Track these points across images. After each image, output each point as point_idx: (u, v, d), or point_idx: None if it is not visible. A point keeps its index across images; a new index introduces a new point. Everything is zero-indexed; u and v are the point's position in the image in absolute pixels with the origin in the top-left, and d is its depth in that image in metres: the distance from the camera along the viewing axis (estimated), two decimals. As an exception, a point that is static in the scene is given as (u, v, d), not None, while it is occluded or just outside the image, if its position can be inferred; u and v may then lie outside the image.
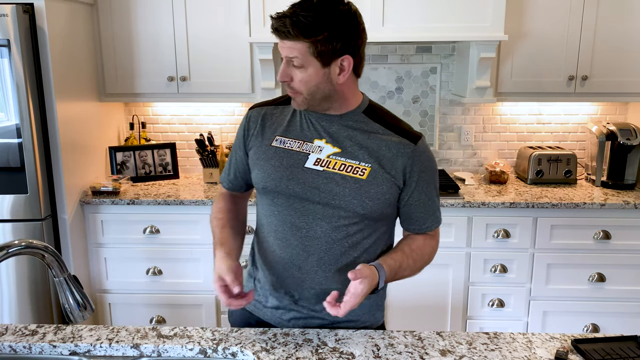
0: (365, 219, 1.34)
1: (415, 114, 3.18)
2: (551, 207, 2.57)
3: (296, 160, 1.35)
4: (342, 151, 1.33)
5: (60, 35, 2.52)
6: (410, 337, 1.31)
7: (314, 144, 1.35)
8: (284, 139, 1.38)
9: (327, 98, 1.32)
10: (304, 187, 1.33)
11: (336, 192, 1.31)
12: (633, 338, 1.26)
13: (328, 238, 1.34)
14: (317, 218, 1.34)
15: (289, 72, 1.29)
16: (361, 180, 1.31)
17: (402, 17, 2.60)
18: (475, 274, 2.66)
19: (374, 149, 1.33)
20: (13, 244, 1.11)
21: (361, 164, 1.32)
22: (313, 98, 1.31)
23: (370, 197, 1.31)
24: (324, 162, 1.33)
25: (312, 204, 1.33)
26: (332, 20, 1.23)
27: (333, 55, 1.26)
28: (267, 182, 1.37)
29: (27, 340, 1.30)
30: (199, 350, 1.27)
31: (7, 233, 2.51)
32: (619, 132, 2.83)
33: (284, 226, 1.37)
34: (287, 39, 1.24)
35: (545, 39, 2.76)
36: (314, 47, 1.24)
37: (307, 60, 1.25)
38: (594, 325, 2.69)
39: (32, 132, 2.42)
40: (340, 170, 1.32)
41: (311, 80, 1.28)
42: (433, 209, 1.42)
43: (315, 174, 1.33)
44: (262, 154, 1.39)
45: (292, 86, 1.30)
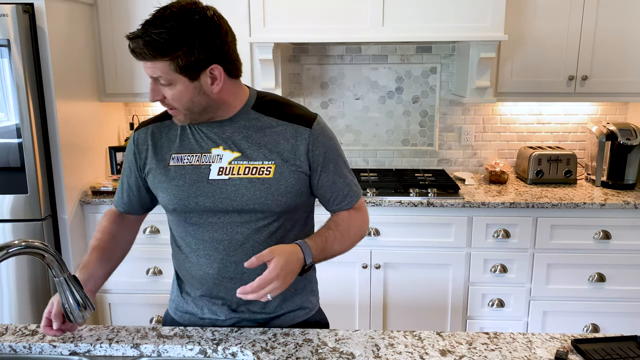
0: (283, 214, 1.32)
1: (415, 114, 3.19)
2: (551, 207, 2.57)
3: (199, 174, 1.30)
4: (242, 154, 1.30)
5: (60, 35, 2.52)
6: (410, 337, 1.31)
7: (212, 154, 1.31)
8: (180, 155, 1.33)
9: (207, 109, 1.27)
10: (214, 200, 1.30)
11: (248, 197, 1.28)
12: (633, 338, 1.26)
13: (252, 242, 1.32)
14: (235, 226, 1.31)
15: (159, 90, 1.23)
16: (269, 180, 1.29)
17: (402, 17, 2.60)
18: (475, 274, 2.66)
19: (272, 144, 1.30)
20: (13, 244, 1.11)
21: (264, 162, 1.29)
22: (192, 112, 1.26)
23: (281, 193, 1.29)
24: (227, 169, 1.29)
25: (226, 214, 1.30)
26: (188, 33, 1.16)
27: (199, 67, 1.19)
28: (175, 203, 1.32)
29: (27, 340, 1.30)
30: (199, 350, 1.27)
31: (7, 233, 2.51)
32: (619, 132, 2.83)
33: (204, 243, 1.33)
34: (146, 60, 1.17)
35: (545, 39, 2.76)
36: (175, 63, 1.17)
37: (173, 78, 1.19)
38: (594, 325, 2.69)
39: (32, 132, 2.43)
40: (245, 174, 1.29)
41: (183, 96, 1.22)
42: (346, 184, 1.39)
43: (222, 184, 1.29)
44: (161, 177, 1.34)
45: (167, 103, 1.25)
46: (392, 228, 2.64)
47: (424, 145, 3.22)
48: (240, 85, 1.33)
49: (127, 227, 1.50)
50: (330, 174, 1.35)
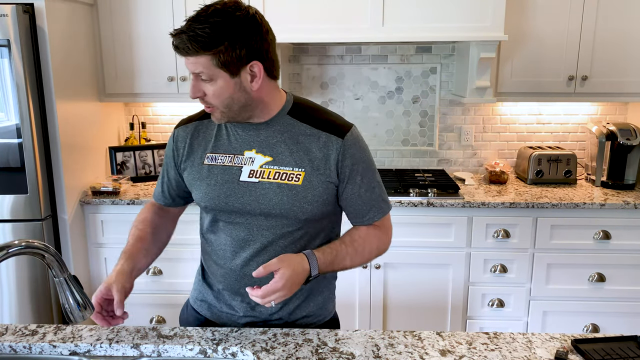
0: (309, 222, 1.34)
1: (415, 114, 3.19)
2: (551, 207, 2.57)
3: (230, 175, 1.33)
4: (273, 159, 1.31)
5: (60, 35, 2.52)
6: (410, 337, 1.31)
7: (244, 156, 1.33)
8: (215, 155, 1.36)
9: (246, 107, 1.28)
10: (243, 202, 1.32)
11: (275, 202, 1.30)
12: (633, 338, 1.26)
13: (276, 246, 1.33)
14: (261, 229, 1.33)
15: (200, 87, 1.24)
16: (297, 187, 1.30)
17: (402, 17, 2.60)
18: (475, 274, 2.66)
19: (304, 151, 1.31)
20: (13, 244, 1.11)
21: (294, 169, 1.30)
22: (230, 110, 1.27)
23: (308, 201, 1.30)
24: (257, 173, 1.31)
25: (254, 216, 1.32)
26: (230, 29, 1.18)
27: (240, 63, 1.21)
28: (207, 201, 1.36)
29: (27, 340, 1.30)
30: (199, 350, 1.27)
31: (7, 233, 2.51)
32: (619, 132, 2.83)
33: (231, 241, 1.36)
34: (189, 55, 1.20)
35: (545, 39, 2.76)
36: (217, 58, 1.19)
37: (214, 73, 1.21)
38: (594, 325, 2.69)
39: (32, 132, 2.43)
40: (275, 179, 1.30)
41: (223, 92, 1.24)
42: (374, 199, 1.39)
43: (251, 187, 1.31)
44: (196, 174, 1.37)
45: (206, 101, 1.26)
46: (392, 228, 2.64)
47: (424, 145, 3.22)
48: (278, 88, 1.34)
49: (168, 219, 1.54)
50: (356, 186, 1.35)
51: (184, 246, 2.70)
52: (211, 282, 1.46)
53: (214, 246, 1.41)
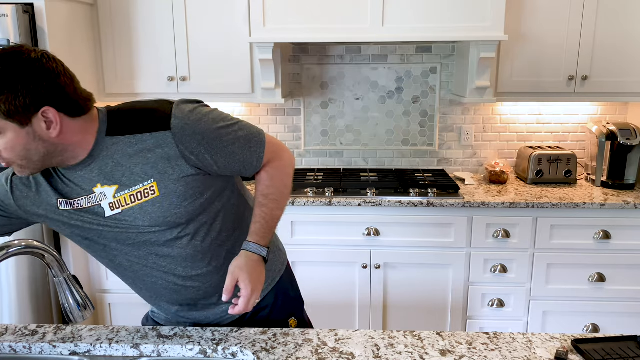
0: (193, 218, 1.28)
1: (415, 114, 3.18)
2: (551, 207, 2.57)
3: (95, 216, 1.25)
4: (119, 185, 1.22)
5: (60, 36, 2.52)
6: (410, 337, 1.30)
7: (96, 194, 1.23)
8: (67, 200, 1.25)
9: (50, 155, 1.17)
10: (122, 235, 1.27)
11: (148, 221, 1.24)
12: (633, 338, 1.26)
13: (179, 251, 1.30)
14: (156, 248, 1.29)
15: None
16: (158, 198, 1.22)
17: (402, 17, 2.60)
18: (475, 274, 2.66)
19: (142, 162, 1.21)
20: (13, 244, 1.11)
21: (144, 183, 1.22)
22: (30, 162, 1.16)
23: (175, 205, 1.23)
24: (116, 203, 1.23)
25: (141, 242, 1.28)
26: (10, 77, 1.07)
27: (27, 112, 1.09)
28: (86, 247, 1.32)
29: (27, 340, 1.30)
30: (199, 351, 1.27)
31: (7, 233, 2.51)
32: (619, 132, 2.83)
33: (136, 265, 1.32)
34: None
35: (545, 39, 2.76)
36: None
37: (1, 125, 1.10)
38: (594, 325, 2.69)
39: (32, 132, 2.42)
40: (133, 202, 1.23)
41: (15, 145, 1.12)
42: (244, 147, 1.29)
43: (120, 217, 1.24)
44: (56, 220, 1.28)
45: (4, 157, 1.15)
46: (392, 228, 2.64)
47: (424, 145, 3.22)
48: (90, 119, 1.21)
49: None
50: (222, 153, 1.26)
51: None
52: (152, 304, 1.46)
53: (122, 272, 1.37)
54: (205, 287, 1.37)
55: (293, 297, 1.54)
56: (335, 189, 2.72)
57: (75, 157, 1.21)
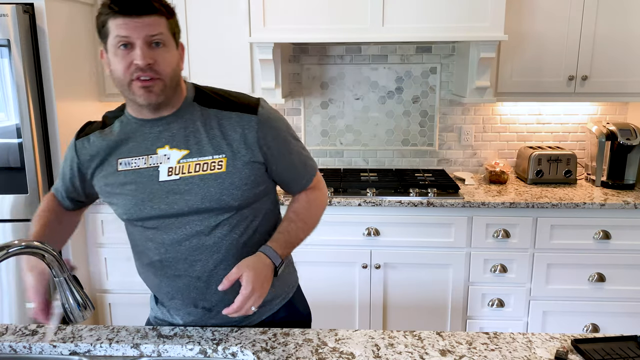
0: (242, 206, 1.28)
1: (415, 114, 3.19)
2: (551, 207, 2.57)
3: (148, 177, 1.25)
4: (190, 151, 1.25)
5: (60, 35, 2.52)
6: (410, 337, 1.31)
7: (159, 155, 1.26)
8: (127, 159, 1.27)
9: (175, 87, 1.24)
10: (168, 202, 1.25)
11: (202, 195, 1.24)
12: (633, 338, 1.26)
13: (214, 239, 1.28)
14: (194, 226, 1.27)
15: (151, 53, 1.16)
16: (222, 174, 1.24)
17: (402, 17, 2.60)
18: (475, 274, 2.66)
19: (220, 136, 1.25)
20: (13, 244, 1.11)
21: (215, 157, 1.24)
22: (170, 84, 1.22)
23: (236, 186, 1.25)
24: (176, 169, 1.24)
25: (183, 215, 1.26)
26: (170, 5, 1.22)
27: (178, 38, 1.25)
28: (130, 211, 1.28)
29: (27, 340, 1.30)
30: (199, 350, 1.27)
31: (7, 233, 2.51)
32: (619, 132, 2.83)
33: (165, 247, 1.29)
34: (148, 14, 1.14)
35: (545, 39, 2.76)
36: (171, 25, 1.20)
37: (168, 39, 1.19)
38: (594, 325, 2.69)
39: (32, 132, 2.43)
40: (197, 172, 1.24)
41: (172, 61, 1.21)
42: (302, 163, 1.37)
43: (173, 185, 1.24)
44: (111, 184, 1.29)
45: (156, 69, 1.17)
46: (392, 228, 2.64)
47: (424, 145, 3.22)
48: None
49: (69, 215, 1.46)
50: (284, 159, 1.32)
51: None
52: (161, 299, 1.40)
53: (150, 259, 1.33)
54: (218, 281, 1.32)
55: (305, 315, 1.53)
56: (335, 189, 2.72)
57: (170, 106, 1.26)
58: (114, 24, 1.14)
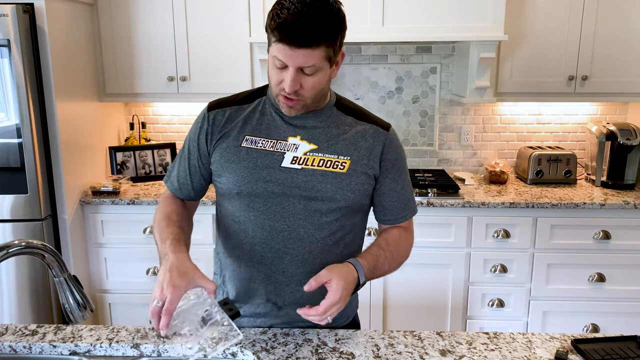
0: (346, 213, 1.31)
1: (415, 114, 3.19)
2: (551, 207, 2.57)
3: (271, 160, 1.28)
4: (318, 147, 1.29)
5: (60, 35, 2.52)
6: (410, 337, 1.30)
7: (288, 142, 1.29)
8: (255, 138, 1.30)
9: (319, 101, 1.29)
10: (283, 187, 1.27)
11: (318, 189, 1.27)
12: (633, 338, 1.26)
13: (311, 237, 1.29)
14: (298, 219, 1.28)
15: (300, 80, 1.19)
16: (342, 174, 1.28)
17: (402, 17, 2.60)
18: (475, 274, 2.66)
19: (350, 141, 1.30)
20: (13, 244, 1.11)
21: (340, 157, 1.29)
22: (312, 102, 1.26)
23: (351, 189, 1.29)
24: (301, 160, 1.28)
25: (292, 204, 1.28)
26: (339, 18, 1.20)
27: (337, 53, 1.23)
28: (242, 185, 1.28)
29: (27, 340, 1.30)
30: (198, 350, 1.26)
31: (7, 233, 2.51)
32: (619, 132, 2.83)
33: (262, 231, 1.30)
34: (305, 47, 1.13)
35: (545, 39, 2.76)
36: (328, 51, 1.18)
37: (321, 66, 1.19)
38: (594, 325, 2.69)
39: (32, 132, 2.42)
40: (319, 167, 1.27)
41: (320, 84, 1.22)
42: (407, 197, 1.39)
43: (294, 173, 1.27)
44: (231, 156, 1.30)
45: (300, 93, 1.21)
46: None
47: (424, 145, 3.22)
48: None
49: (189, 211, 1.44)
50: (394, 181, 1.35)
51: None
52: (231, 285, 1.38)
53: (240, 240, 1.33)
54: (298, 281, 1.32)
55: None
56: (335, 189, 2.71)
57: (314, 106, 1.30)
58: (275, 45, 1.17)
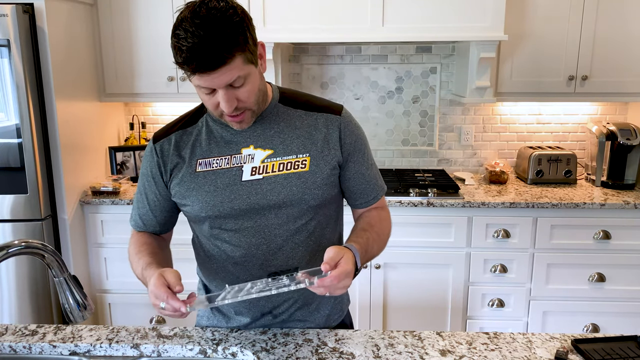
0: (319, 210, 1.29)
1: (415, 114, 3.19)
2: (551, 207, 2.57)
3: (230, 177, 1.24)
4: (274, 151, 1.25)
5: (60, 35, 2.52)
6: (410, 337, 1.30)
7: (243, 154, 1.25)
8: (208, 160, 1.26)
9: (263, 100, 1.23)
10: (249, 202, 1.24)
11: (284, 194, 1.23)
12: (633, 338, 1.26)
13: (291, 244, 1.28)
14: (273, 228, 1.26)
15: (234, 96, 1.14)
16: (305, 173, 1.24)
17: (402, 17, 2.60)
18: (475, 274, 2.66)
19: (305, 136, 1.26)
20: (13, 244, 1.11)
21: (299, 156, 1.25)
22: (258, 105, 1.21)
23: (317, 186, 1.25)
24: (260, 168, 1.24)
25: (263, 216, 1.25)
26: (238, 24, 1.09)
27: (256, 49, 1.15)
28: (208, 210, 1.25)
29: (27, 340, 1.30)
30: (199, 350, 1.27)
31: (7, 233, 2.51)
32: (619, 132, 2.83)
33: (240, 250, 1.27)
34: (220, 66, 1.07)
35: (545, 39, 2.76)
36: (247, 57, 1.11)
37: (247, 72, 1.13)
38: (594, 325, 2.69)
39: (32, 132, 2.43)
40: (280, 171, 1.24)
41: (254, 88, 1.17)
42: (374, 177, 1.37)
43: (256, 184, 1.24)
44: (190, 184, 1.26)
45: (240, 107, 1.16)
46: (392, 228, 2.63)
47: (424, 145, 3.22)
48: None
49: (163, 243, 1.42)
50: (359, 164, 1.32)
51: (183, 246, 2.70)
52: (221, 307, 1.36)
53: (221, 262, 1.31)
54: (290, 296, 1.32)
55: None
56: (335, 189, 2.72)
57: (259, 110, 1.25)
58: (192, 77, 1.13)
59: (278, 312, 1.34)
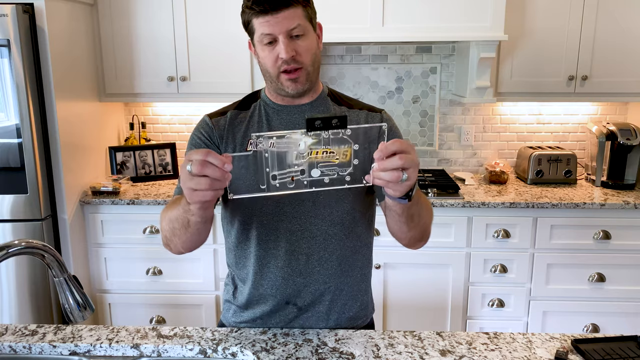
0: (357, 200, 1.33)
1: (415, 114, 3.18)
2: (551, 207, 2.57)
3: None
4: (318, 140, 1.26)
5: (60, 35, 2.52)
6: (410, 337, 1.30)
7: None
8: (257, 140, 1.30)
9: (317, 71, 1.34)
10: None
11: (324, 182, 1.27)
12: (633, 338, 1.26)
13: (325, 234, 1.32)
14: (310, 217, 1.31)
15: (293, 45, 1.24)
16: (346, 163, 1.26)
17: (402, 17, 2.60)
18: (475, 274, 2.66)
19: None
20: (13, 244, 1.11)
21: (342, 147, 1.27)
22: (313, 70, 1.31)
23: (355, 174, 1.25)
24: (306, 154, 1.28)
25: (302, 202, 1.30)
26: None
27: (315, 20, 1.28)
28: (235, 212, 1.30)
29: (27, 340, 1.30)
30: (199, 350, 1.27)
31: (7, 233, 2.51)
32: (619, 132, 2.83)
33: (276, 233, 1.32)
34: (284, 9, 1.21)
35: (545, 39, 2.76)
36: (307, 11, 1.25)
37: (307, 27, 1.26)
38: (594, 325, 2.69)
39: (32, 132, 2.43)
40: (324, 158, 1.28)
41: (312, 47, 1.28)
42: None
43: None
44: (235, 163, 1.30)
45: (298, 60, 1.26)
46: (392, 228, 2.64)
47: (424, 145, 3.22)
48: None
49: None
50: None
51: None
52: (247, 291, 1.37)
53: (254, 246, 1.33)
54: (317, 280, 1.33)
55: None
56: (335, 189, 2.71)
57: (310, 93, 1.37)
58: (257, 22, 1.24)
59: (303, 304, 1.35)
